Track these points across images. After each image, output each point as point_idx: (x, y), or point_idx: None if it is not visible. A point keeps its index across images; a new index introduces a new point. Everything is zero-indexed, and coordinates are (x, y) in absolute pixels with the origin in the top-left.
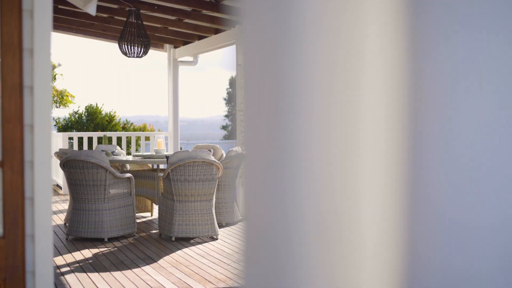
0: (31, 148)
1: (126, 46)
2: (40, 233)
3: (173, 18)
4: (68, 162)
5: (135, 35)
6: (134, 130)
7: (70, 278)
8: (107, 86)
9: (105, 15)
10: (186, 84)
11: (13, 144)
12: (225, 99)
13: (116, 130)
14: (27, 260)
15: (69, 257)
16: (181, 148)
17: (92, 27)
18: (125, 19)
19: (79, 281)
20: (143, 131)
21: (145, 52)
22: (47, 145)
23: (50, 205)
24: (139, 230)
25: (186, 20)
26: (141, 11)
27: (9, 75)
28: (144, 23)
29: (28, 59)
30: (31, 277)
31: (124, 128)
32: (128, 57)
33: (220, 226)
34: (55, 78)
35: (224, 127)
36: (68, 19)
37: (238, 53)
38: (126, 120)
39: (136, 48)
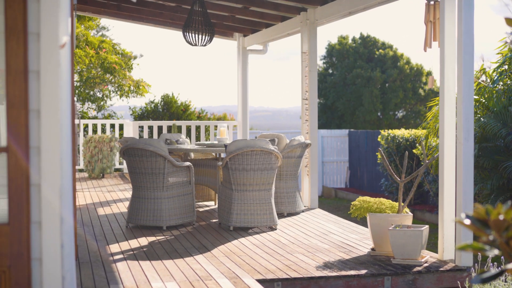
0: (37, 133)
1: (191, 34)
2: (47, 221)
3: (239, 6)
4: (128, 150)
5: (201, 24)
6: (209, 119)
7: (120, 266)
8: (183, 76)
9: (172, 4)
10: (272, 74)
11: (17, 129)
12: None
13: (191, 119)
14: (33, 248)
15: (125, 245)
16: (256, 138)
17: (161, 16)
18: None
19: (129, 268)
20: (223, 120)
21: (210, 41)
22: (56, 131)
23: (58, 192)
24: (199, 219)
25: (252, 8)
26: None
27: (13, 59)
28: (212, 11)
29: (34, 43)
30: (38, 265)
31: (199, 117)
32: (193, 46)
33: (282, 216)
34: (131, 68)
35: None
36: (138, 9)
37: (302, 40)
38: (201, 109)
39: (201, 36)
